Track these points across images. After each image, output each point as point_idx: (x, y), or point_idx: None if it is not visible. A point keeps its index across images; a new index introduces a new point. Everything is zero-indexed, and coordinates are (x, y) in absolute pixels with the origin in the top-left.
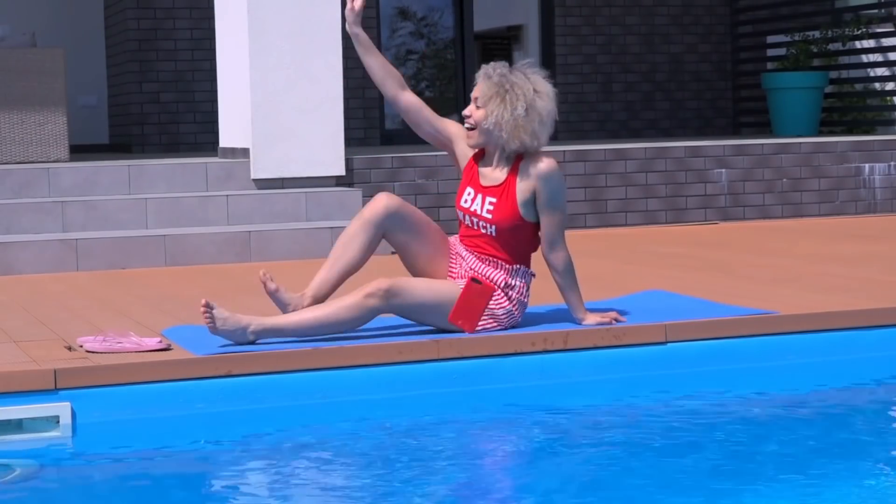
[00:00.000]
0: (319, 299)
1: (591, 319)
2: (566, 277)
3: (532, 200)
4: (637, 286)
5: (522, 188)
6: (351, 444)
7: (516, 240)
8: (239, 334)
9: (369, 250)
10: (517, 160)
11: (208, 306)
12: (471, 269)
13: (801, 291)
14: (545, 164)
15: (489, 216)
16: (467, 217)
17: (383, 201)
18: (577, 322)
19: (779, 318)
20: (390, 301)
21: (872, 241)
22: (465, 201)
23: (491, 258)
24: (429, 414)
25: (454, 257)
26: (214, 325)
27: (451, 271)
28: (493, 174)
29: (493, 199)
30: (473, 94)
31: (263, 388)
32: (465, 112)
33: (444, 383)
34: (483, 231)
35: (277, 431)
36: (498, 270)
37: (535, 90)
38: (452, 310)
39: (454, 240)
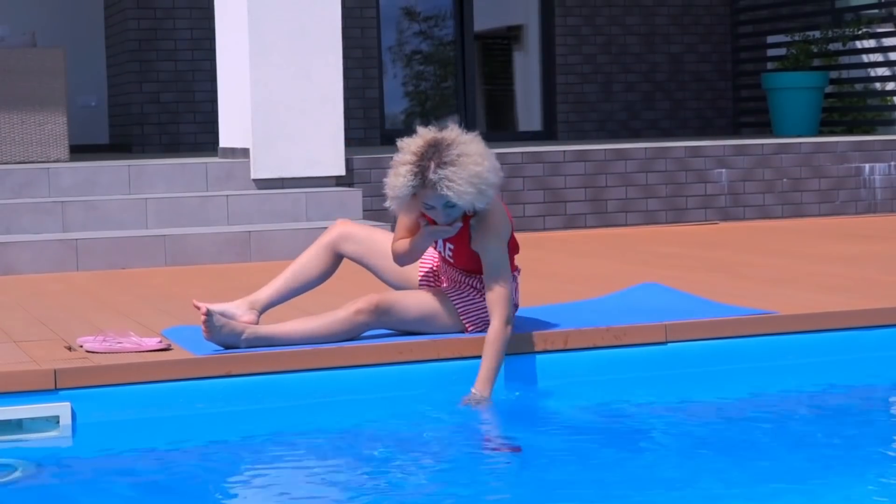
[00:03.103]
0: (262, 310)
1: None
2: (491, 343)
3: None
4: None
5: (476, 238)
6: (351, 444)
7: (478, 267)
8: (232, 340)
9: (325, 274)
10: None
11: (208, 314)
12: (454, 280)
13: (800, 291)
14: (487, 228)
15: (452, 260)
16: (440, 258)
17: (338, 226)
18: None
19: (779, 318)
20: (380, 318)
21: (872, 241)
22: (436, 244)
23: (469, 273)
24: (428, 414)
25: (426, 259)
26: (210, 333)
27: (421, 278)
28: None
29: (452, 246)
30: (429, 204)
31: (263, 388)
32: (443, 219)
33: (443, 383)
34: (455, 268)
35: (277, 431)
36: (478, 278)
37: (466, 177)
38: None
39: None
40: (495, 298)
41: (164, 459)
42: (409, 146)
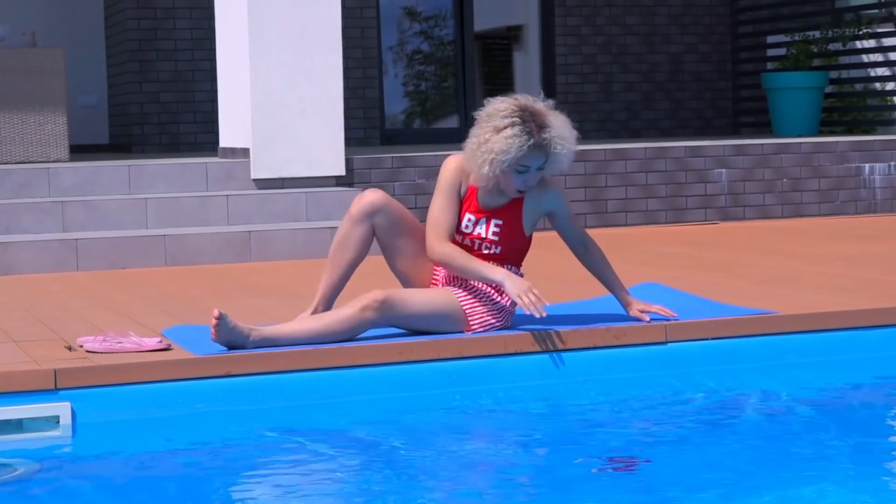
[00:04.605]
0: (329, 306)
1: (635, 308)
2: (604, 261)
3: (539, 218)
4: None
5: (530, 209)
6: (350, 444)
7: (513, 250)
8: (240, 340)
9: (365, 245)
10: None
11: (221, 317)
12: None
13: (800, 291)
14: (554, 187)
15: (496, 238)
16: (467, 239)
17: (369, 196)
18: (623, 306)
19: (779, 318)
20: (385, 314)
21: (872, 241)
22: (466, 227)
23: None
24: (428, 414)
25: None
26: (219, 335)
27: (434, 276)
28: (496, 198)
29: (500, 221)
30: (526, 165)
31: (263, 388)
32: (531, 182)
33: (443, 383)
34: (486, 251)
35: (277, 432)
36: None
37: (570, 136)
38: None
39: None
40: (579, 232)
41: (164, 459)
42: (498, 112)
